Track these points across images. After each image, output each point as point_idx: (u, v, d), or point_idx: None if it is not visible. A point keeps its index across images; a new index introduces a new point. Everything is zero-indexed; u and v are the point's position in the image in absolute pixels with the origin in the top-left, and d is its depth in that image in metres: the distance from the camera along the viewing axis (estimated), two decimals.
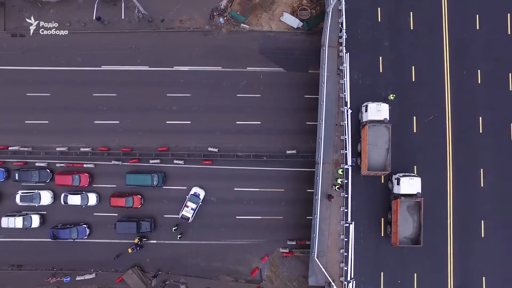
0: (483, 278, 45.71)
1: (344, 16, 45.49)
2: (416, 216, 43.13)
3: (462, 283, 45.69)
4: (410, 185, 42.45)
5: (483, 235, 46.14)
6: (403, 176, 43.07)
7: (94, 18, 50.31)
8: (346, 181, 44.20)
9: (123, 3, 52.01)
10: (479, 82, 47.08)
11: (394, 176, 43.97)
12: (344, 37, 45.42)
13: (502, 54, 47.26)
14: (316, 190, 45.30)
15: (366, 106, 43.45)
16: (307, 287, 50.25)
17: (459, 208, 46.13)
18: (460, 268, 45.70)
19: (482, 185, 46.47)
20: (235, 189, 52.39)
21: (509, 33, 47.32)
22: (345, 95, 44.84)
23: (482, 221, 46.23)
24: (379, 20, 46.95)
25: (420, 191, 42.97)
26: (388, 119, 43.32)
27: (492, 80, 47.16)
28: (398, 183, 42.84)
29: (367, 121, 42.90)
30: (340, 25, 45.95)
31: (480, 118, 46.90)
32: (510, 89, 47.13)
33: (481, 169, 46.56)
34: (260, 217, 52.45)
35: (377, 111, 42.69)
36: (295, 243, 51.77)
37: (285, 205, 52.29)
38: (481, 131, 46.85)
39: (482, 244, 46.04)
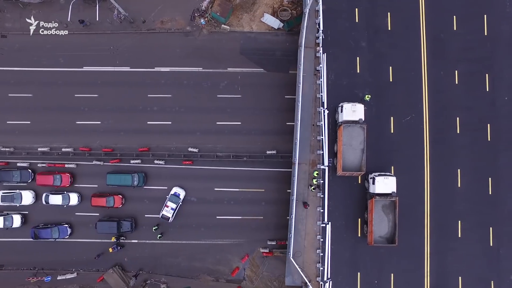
0: (459, 278, 44.94)
1: (321, 16, 44.76)
2: (391, 215, 42.40)
3: (438, 283, 44.91)
4: (385, 184, 41.71)
5: (459, 235, 45.34)
6: (378, 175, 42.34)
7: (68, 20, 49.68)
8: (322, 181, 43.50)
9: (97, 5, 51.23)
10: (457, 82, 46.25)
11: (369, 176, 43.24)
12: (321, 37, 44.67)
13: (479, 54, 46.43)
14: (292, 190, 44.55)
15: (342, 107, 42.66)
16: (287, 287, 49.63)
17: (436, 208, 45.34)
18: (436, 268, 44.93)
19: (459, 186, 45.67)
20: (215, 189, 51.73)
21: (486, 34, 46.48)
22: (321, 95, 44.16)
23: (459, 221, 45.43)
24: (357, 21, 46.16)
25: (395, 191, 42.21)
26: (363, 119, 42.55)
27: (469, 81, 46.33)
28: (373, 183, 42.11)
29: (342, 122, 42.13)
30: (317, 26, 45.21)
31: (458, 118, 46.08)
32: (487, 90, 46.31)
33: (458, 170, 45.76)
34: (240, 217, 51.77)
35: (352, 111, 41.93)
36: (275, 243, 51.08)
37: (265, 205, 51.61)
38: (458, 132, 46.04)
39: (459, 244, 45.24)
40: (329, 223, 43.66)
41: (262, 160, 51.27)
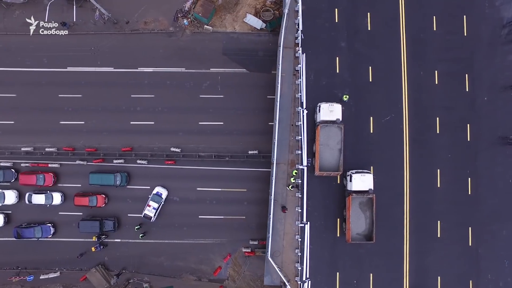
0: (439, 277, 44.12)
1: (300, 17, 44.03)
2: (369, 212, 41.56)
3: (417, 283, 44.09)
4: (362, 181, 40.94)
5: (439, 235, 44.53)
6: (356, 172, 41.59)
7: (46, 20, 49.11)
8: (300, 181, 42.76)
9: (75, 6, 50.63)
10: (436, 82, 45.42)
11: (347, 173, 42.49)
12: (300, 37, 43.93)
13: (459, 55, 45.60)
14: (270, 190, 43.81)
15: (319, 107, 41.90)
16: (271, 287, 48.94)
17: (416, 208, 44.52)
18: (415, 268, 44.11)
19: (438, 186, 44.84)
20: (198, 189, 51.06)
21: (465, 34, 45.66)
22: (300, 95, 43.40)
23: (439, 221, 44.61)
24: (336, 21, 45.35)
25: (372, 188, 41.44)
26: (340, 119, 41.77)
27: (449, 81, 45.50)
28: (350, 180, 41.40)
29: (320, 122, 41.37)
30: (296, 26, 44.47)
31: (438, 118, 45.25)
32: (467, 90, 45.50)
33: (438, 170, 44.94)
34: (222, 217, 51.10)
35: (330, 111, 41.16)
36: (257, 242, 50.39)
37: (247, 205, 50.91)
38: (438, 132, 45.21)
39: (438, 244, 44.42)
40: (308, 223, 42.87)
41: (244, 160, 50.59)
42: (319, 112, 41.76)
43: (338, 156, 41.29)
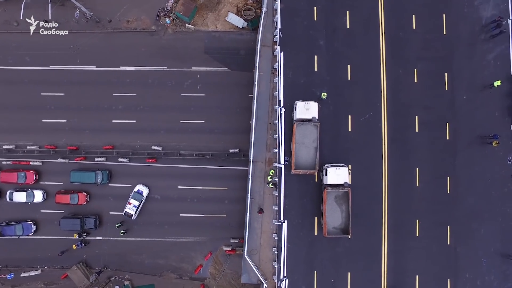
0: (417, 276, 43.17)
1: (279, 15, 43.15)
2: (344, 206, 40.61)
3: (395, 282, 43.13)
4: (337, 175, 40.07)
5: (417, 234, 43.57)
6: (331, 166, 40.68)
7: (21, 19, 48.26)
8: (277, 180, 41.86)
9: (50, 4, 49.65)
10: (416, 81, 44.43)
11: (323, 167, 41.66)
12: (278, 36, 43.03)
13: (439, 54, 44.57)
14: (248, 188, 42.90)
15: (295, 105, 40.98)
16: (250, 285, 48.10)
17: (394, 207, 43.49)
18: (394, 267, 43.13)
19: (417, 184, 43.86)
20: (179, 187, 50.19)
21: (445, 33, 44.69)
22: (278, 93, 42.50)
23: (417, 220, 43.63)
24: (315, 19, 44.38)
25: (347, 181, 40.54)
26: (317, 117, 40.84)
27: (428, 80, 44.47)
28: (325, 174, 40.50)
29: (295, 120, 40.45)
30: (275, 24, 43.56)
31: (417, 117, 44.25)
32: (446, 89, 44.52)
33: (417, 169, 43.95)
34: (203, 215, 50.22)
35: (306, 109, 40.25)
36: (238, 241, 49.48)
37: (228, 204, 50.02)
38: (417, 130, 44.22)
39: (417, 243, 43.40)
40: (285, 221, 41.91)
41: (225, 159, 49.73)
42: (295, 110, 40.82)
43: (314, 155, 40.36)
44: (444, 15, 44.74)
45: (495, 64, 44.59)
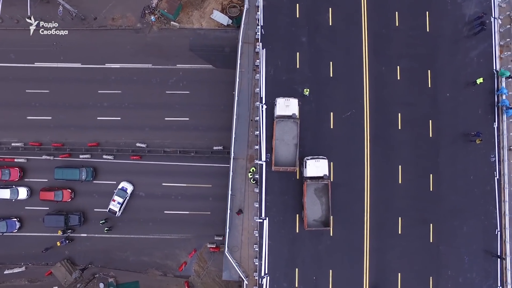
0: (399, 274, 42.24)
1: (261, 12, 42.37)
2: (324, 198, 39.66)
3: (377, 279, 42.23)
4: (316, 167, 39.18)
5: (400, 232, 42.68)
6: (311, 158, 39.85)
7: None
8: (258, 176, 41.08)
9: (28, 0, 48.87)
10: (398, 78, 43.56)
11: (303, 160, 40.88)
12: (260, 33, 42.25)
13: (421, 51, 43.66)
14: (229, 185, 42.11)
15: (276, 101, 40.18)
16: (234, 282, 47.37)
17: (376, 204, 42.56)
18: (376, 265, 42.19)
19: (400, 182, 42.95)
20: (163, 184, 49.53)
21: (428, 30, 43.83)
22: (260, 90, 41.72)
23: (400, 218, 42.72)
24: (297, 16, 43.54)
25: (327, 173, 39.65)
26: (297, 114, 39.98)
27: (411, 77, 43.56)
28: (305, 166, 39.70)
29: (276, 117, 39.64)
30: (257, 21, 42.78)
31: (399, 114, 43.33)
32: (429, 86, 43.65)
33: (399, 166, 43.06)
34: (188, 212, 49.54)
35: (286, 106, 39.40)
36: (222, 238, 48.63)
37: (213, 201, 49.30)
38: (400, 128, 43.33)
39: (399, 241, 42.45)
40: (267, 218, 41.19)
41: (209, 156, 49.02)
42: (275, 107, 40.02)
43: (295, 151, 39.50)
44: (427, 12, 43.86)
45: (478, 61, 43.72)
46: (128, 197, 48.49)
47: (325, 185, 39.49)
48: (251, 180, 41.92)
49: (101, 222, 48.54)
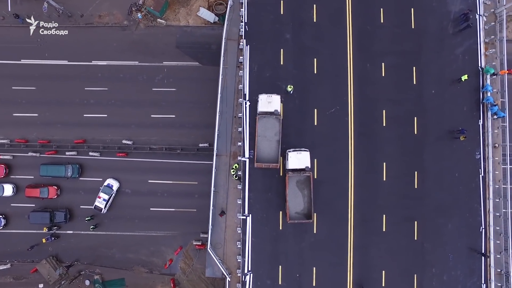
0: (383, 272, 41.56)
1: (244, 9, 41.76)
2: (307, 191, 38.91)
3: (361, 277, 41.53)
4: (298, 159, 38.43)
5: (384, 229, 41.99)
6: (293, 151, 39.16)
7: None
8: (240, 173, 40.44)
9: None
10: (383, 75, 42.85)
11: (285, 153, 40.21)
12: (244, 29, 41.60)
13: (407, 48, 42.97)
14: (212, 181, 41.42)
15: (258, 98, 39.52)
16: (220, 280, 46.69)
17: (361, 202, 41.83)
18: (360, 262, 41.50)
19: (384, 179, 42.26)
20: (149, 181, 48.85)
21: (413, 27, 43.16)
22: (243, 87, 41.09)
23: (384, 215, 42.03)
24: (282, 13, 42.91)
25: (309, 165, 38.90)
26: (279, 110, 39.32)
27: (396, 74, 42.86)
28: (287, 159, 39.02)
29: (258, 113, 38.99)
30: (241, 18, 42.15)
31: (384, 111, 42.65)
32: (415, 83, 42.96)
33: (384, 163, 42.35)
34: (174, 210, 48.85)
35: (268, 102, 38.72)
36: (207, 236, 47.99)
37: (198, 198, 48.56)
38: (384, 125, 42.65)
39: (383, 238, 41.76)
40: (250, 215, 40.55)
41: (194, 153, 48.35)
42: (258, 103, 39.36)
43: (277, 148, 38.82)
44: (412, 9, 43.22)
45: (463, 58, 43.03)
46: (114, 194, 47.85)
47: (307, 177, 38.74)
48: (234, 177, 41.25)
49: (86, 219, 47.92)
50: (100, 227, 48.77)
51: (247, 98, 40.88)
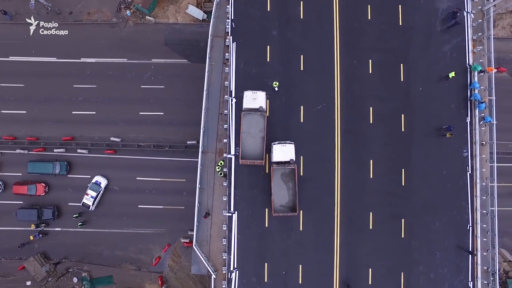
0: (370, 269, 40.94)
1: (231, 5, 41.21)
2: (291, 183, 38.27)
3: (348, 275, 40.91)
4: (282, 152, 37.75)
5: (371, 227, 41.38)
6: (277, 143, 38.55)
7: None
8: (227, 170, 39.89)
9: None
10: (370, 72, 42.29)
11: (270, 145, 39.65)
12: (230, 26, 41.06)
13: (394, 45, 42.36)
14: (197, 178, 40.88)
15: (243, 95, 38.97)
16: (207, 277, 46.07)
17: (347, 199, 41.20)
18: (346, 260, 40.86)
19: (371, 177, 41.67)
20: (138, 178, 48.43)
21: (400, 24, 42.58)
22: (229, 84, 40.55)
23: (371, 213, 41.41)
24: (268, 10, 42.34)
25: (293, 158, 38.27)
26: (264, 107, 38.72)
27: (383, 71, 42.24)
28: (272, 151, 38.45)
29: (243, 110, 38.44)
30: (227, 15, 41.62)
31: (371, 108, 42.06)
32: (402, 80, 42.37)
33: (371, 160, 41.76)
34: (162, 207, 48.36)
35: (253, 99, 38.15)
36: None
37: (186, 195, 48.04)
38: (371, 122, 42.03)
39: (370, 236, 41.12)
40: (235, 212, 40.00)
41: (182, 150, 47.90)
42: (243, 100, 38.81)
43: (262, 145, 38.22)
44: (400, 6, 42.63)
45: (451, 55, 42.39)
46: (102, 191, 47.38)
47: (292, 170, 38.12)
48: (219, 174, 40.71)
49: (74, 216, 47.45)
50: (88, 224, 48.30)
51: (233, 95, 40.33)
